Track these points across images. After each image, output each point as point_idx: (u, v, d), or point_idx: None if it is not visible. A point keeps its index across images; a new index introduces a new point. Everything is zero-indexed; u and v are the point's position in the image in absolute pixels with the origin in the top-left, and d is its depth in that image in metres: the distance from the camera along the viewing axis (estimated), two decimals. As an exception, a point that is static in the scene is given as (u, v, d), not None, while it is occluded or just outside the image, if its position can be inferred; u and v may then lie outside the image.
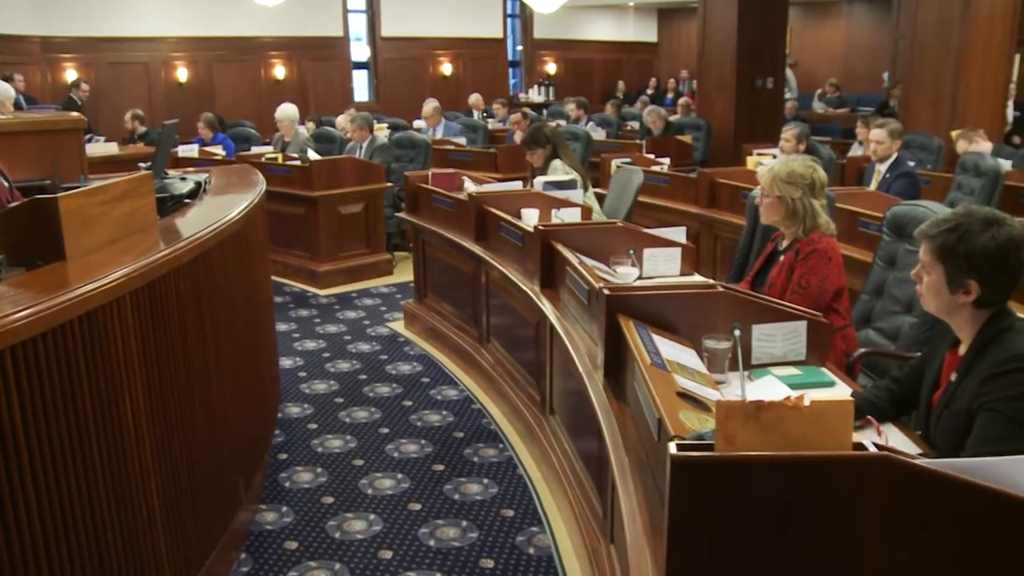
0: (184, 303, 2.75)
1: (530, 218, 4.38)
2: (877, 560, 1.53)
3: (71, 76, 12.33)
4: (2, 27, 11.08)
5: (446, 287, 5.53)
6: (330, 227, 7.07)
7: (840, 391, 2.59)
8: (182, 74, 13.37)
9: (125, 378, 2.33)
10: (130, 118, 10.15)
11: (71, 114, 3.73)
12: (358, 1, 15.29)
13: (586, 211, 4.59)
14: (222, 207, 3.51)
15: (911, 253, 3.49)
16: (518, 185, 5.45)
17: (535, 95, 17.48)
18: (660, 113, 10.02)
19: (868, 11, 17.13)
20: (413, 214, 5.79)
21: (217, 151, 8.50)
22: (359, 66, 15.52)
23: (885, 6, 14.66)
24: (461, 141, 9.56)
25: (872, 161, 6.11)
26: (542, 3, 12.41)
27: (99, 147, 8.88)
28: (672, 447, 1.56)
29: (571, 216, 4.41)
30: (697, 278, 3.72)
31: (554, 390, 3.87)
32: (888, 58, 10.21)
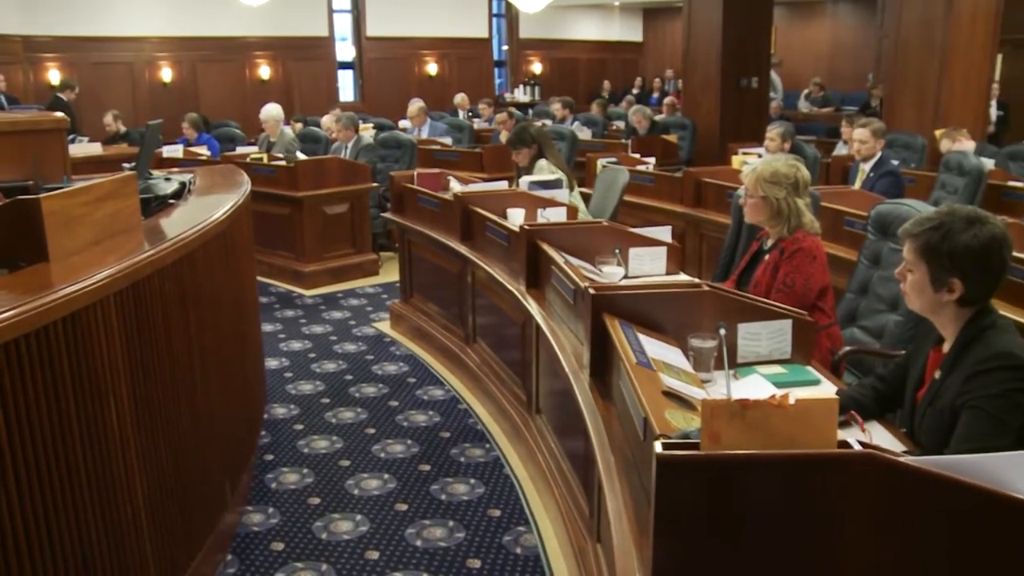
0: (169, 304, 2.74)
1: (516, 218, 4.38)
2: (862, 557, 1.54)
3: (54, 76, 12.26)
4: (-16, 26, 11.03)
5: (432, 287, 5.52)
6: (315, 227, 7.05)
7: (825, 389, 2.61)
8: (166, 74, 13.31)
9: (109, 379, 2.32)
10: (111, 118, 10.09)
11: (54, 114, 3.69)
12: (343, 1, 15.26)
13: (572, 211, 4.59)
14: (207, 208, 3.50)
15: (895, 252, 3.51)
16: (504, 185, 5.45)
17: (521, 95, 17.49)
18: (646, 113, 10.03)
19: (853, 11, 17.21)
20: (399, 214, 5.78)
21: (202, 151, 8.47)
22: (344, 66, 15.48)
23: (870, 6, 14.74)
24: (447, 141, 9.55)
25: (856, 160, 6.14)
26: (527, 3, 12.40)
27: (82, 147, 8.82)
28: (658, 446, 1.57)
29: (557, 216, 4.41)
30: (683, 277, 3.73)
31: (540, 390, 3.87)
32: (873, 58, 10.28)
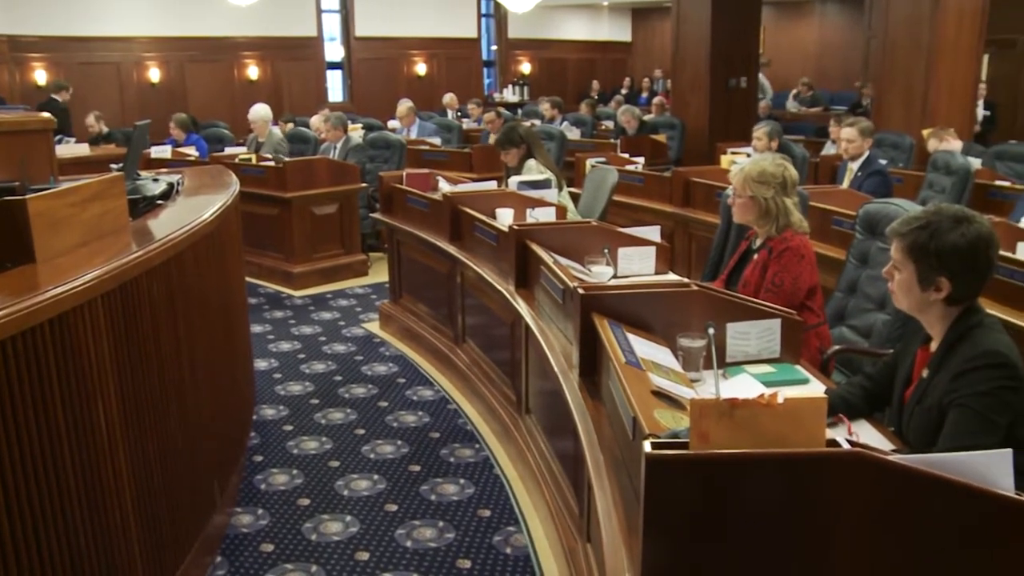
0: (157, 305, 2.73)
1: (505, 218, 4.38)
2: (852, 555, 1.54)
3: (40, 76, 12.19)
4: (-31, 26, 10.97)
5: (421, 287, 5.52)
6: (304, 228, 7.04)
7: (814, 388, 2.61)
8: (154, 74, 13.25)
9: (97, 381, 2.31)
10: (93, 119, 10.09)
11: (41, 114, 3.67)
12: (332, 1, 15.23)
13: (561, 210, 4.60)
14: (195, 208, 3.49)
15: (883, 251, 3.52)
16: (493, 185, 5.44)
17: (510, 95, 17.48)
18: (634, 112, 10.04)
19: (840, 11, 17.26)
20: (388, 214, 5.77)
21: (190, 152, 8.44)
22: (333, 66, 15.45)
23: (857, 6, 14.78)
24: (436, 141, 9.55)
25: (844, 159, 6.16)
26: (516, 3, 12.41)
27: (69, 148, 8.81)
28: (647, 445, 1.57)
29: (546, 216, 4.42)
30: (672, 277, 3.73)
31: (530, 390, 3.87)
32: (860, 58, 10.32)
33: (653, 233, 3.93)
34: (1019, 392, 2.14)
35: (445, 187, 5.38)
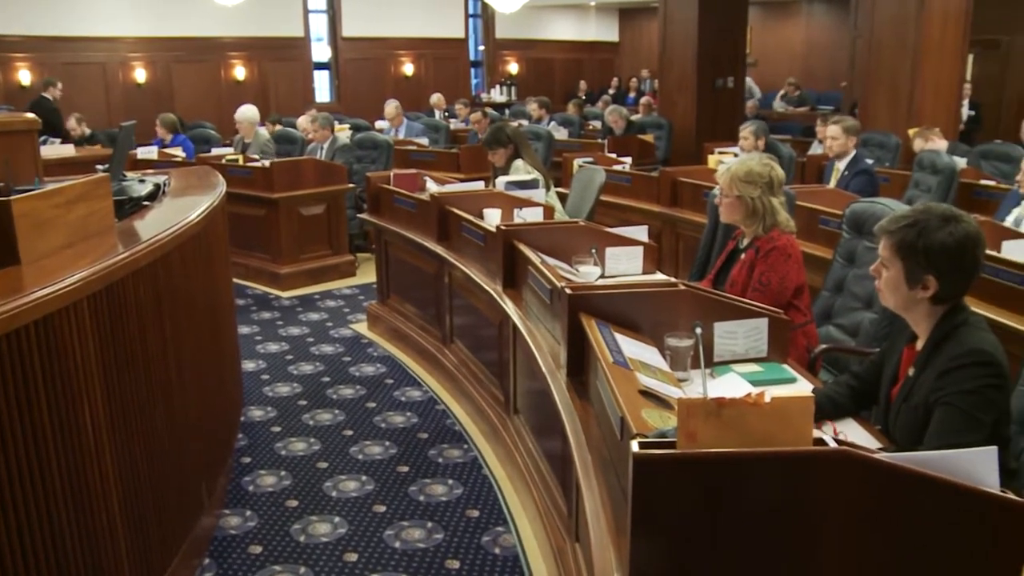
0: (144, 307, 2.72)
1: (492, 218, 4.38)
2: (839, 553, 1.55)
3: (24, 76, 12.12)
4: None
5: (409, 288, 5.51)
6: (292, 229, 7.02)
7: (801, 387, 2.62)
8: (140, 75, 13.17)
9: (83, 383, 2.29)
10: (75, 122, 10.05)
11: (25, 115, 3.65)
12: (319, 1, 15.19)
13: (548, 210, 4.60)
14: (182, 209, 3.47)
15: (870, 250, 3.53)
16: (480, 185, 5.44)
17: (497, 95, 17.48)
18: (622, 112, 10.06)
19: (827, 11, 17.32)
20: (375, 215, 5.76)
21: (176, 153, 8.41)
22: (320, 66, 15.41)
23: (843, 6, 14.82)
24: (423, 141, 9.54)
25: (831, 159, 6.18)
26: (504, 3, 12.40)
27: (55, 149, 8.77)
28: (634, 445, 1.57)
29: (533, 216, 4.42)
30: (659, 276, 3.73)
31: (518, 390, 3.87)
32: (847, 58, 10.37)
33: (640, 233, 3.93)
34: (1003, 390, 2.16)
35: (432, 187, 5.37)
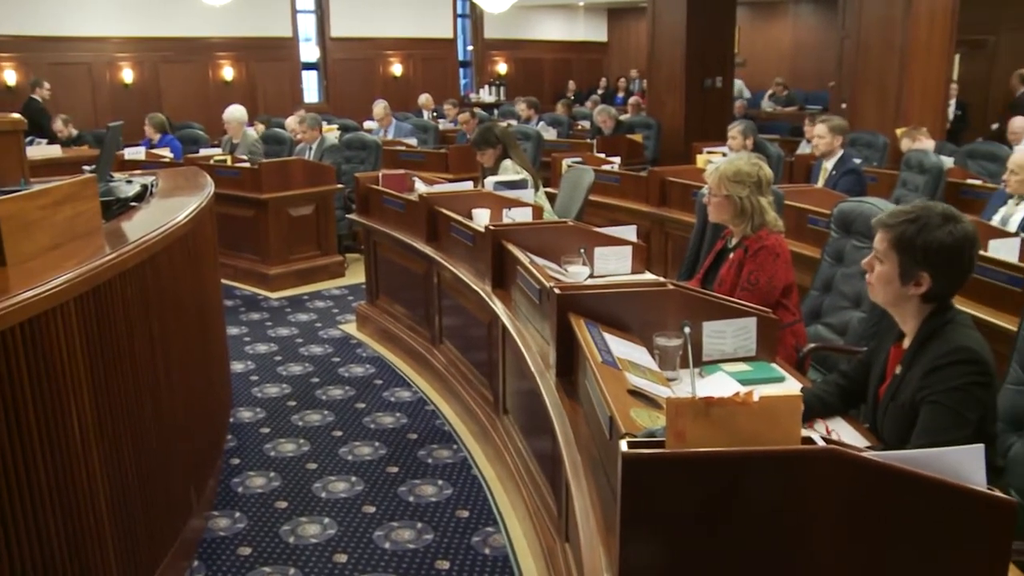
0: (131, 308, 2.71)
1: (481, 218, 4.38)
2: (828, 552, 1.55)
3: (10, 76, 12.03)
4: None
5: (398, 288, 5.51)
6: (280, 229, 7.00)
7: (790, 386, 2.63)
8: (127, 75, 13.11)
9: (71, 385, 2.28)
10: (61, 123, 10.01)
11: (10, 115, 3.63)
12: (307, 1, 15.16)
13: (537, 211, 4.60)
14: (170, 210, 3.46)
15: (858, 249, 3.55)
16: (469, 185, 5.44)
17: (486, 95, 17.49)
18: (611, 112, 10.07)
19: (814, 11, 17.37)
20: (364, 215, 5.76)
21: (164, 153, 8.38)
22: (308, 67, 15.37)
23: (831, 6, 14.84)
24: (412, 142, 9.53)
25: (818, 158, 6.20)
26: (492, 3, 12.40)
27: (41, 150, 8.72)
28: (623, 445, 1.57)
29: (522, 216, 4.42)
30: (648, 276, 3.74)
31: (507, 390, 3.87)
32: (834, 58, 10.41)
33: (629, 233, 3.94)
34: (989, 388, 2.17)
35: (421, 188, 5.37)
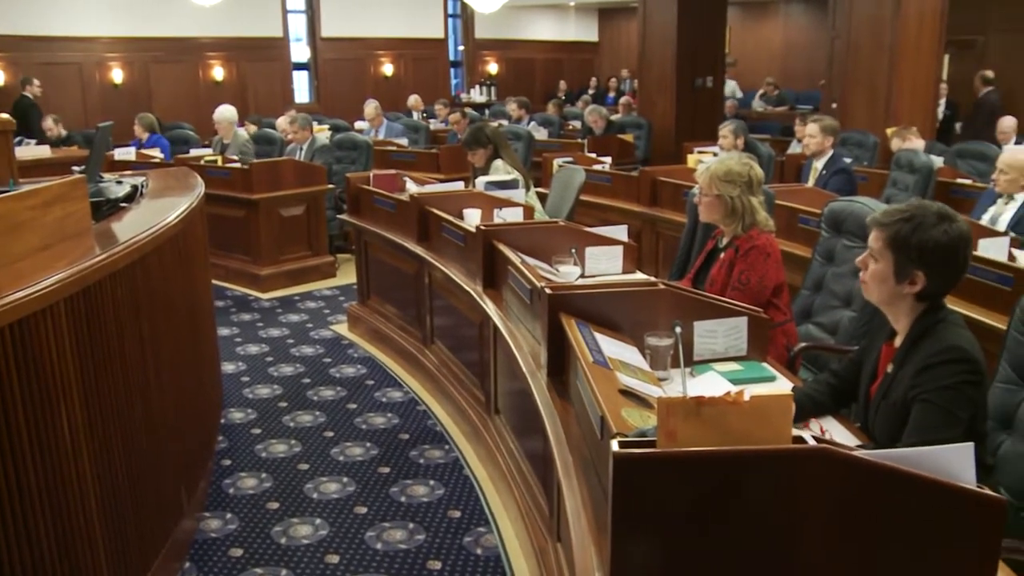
0: (121, 309, 2.70)
1: (472, 218, 4.38)
2: (819, 550, 1.55)
3: (-1, 77, 12.03)
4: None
5: (389, 289, 5.50)
6: (271, 230, 6.99)
7: (781, 386, 2.63)
8: (117, 75, 13.07)
9: (60, 387, 2.27)
10: (51, 123, 9.98)
11: (-1, 116, 3.63)
12: (298, 1, 15.14)
13: (528, 211, 4.59)
14: (160, 211, 3.45)
15: (849, 248, 3.56)
16: (460, 186, 5.44)
17: (477, 95, 17.49)
18: (602, 112, 10.08)
19: (805, 11, 17.42)
20: (355, 216, 5.75)
21: (155, 154, 8.35)
22: (299, 67, 15.35)
23: (821, 7, 14.91)
24: (403, 142, 9.53)
25: (808, 157, 6.21)
26: (483, 3, 12.40)
27: (30, 150, 8.68)
28: (614, 444, 1.57)
29: (513, 216, 4.42)
30: (639, 276, 3.74)
31: (498, 390, 3.87)
32: (825, 58, 10.45)
33: (620, 232, 3.94)
34: (980, 386, 2.18)
35: (412, 188, 5.37)
